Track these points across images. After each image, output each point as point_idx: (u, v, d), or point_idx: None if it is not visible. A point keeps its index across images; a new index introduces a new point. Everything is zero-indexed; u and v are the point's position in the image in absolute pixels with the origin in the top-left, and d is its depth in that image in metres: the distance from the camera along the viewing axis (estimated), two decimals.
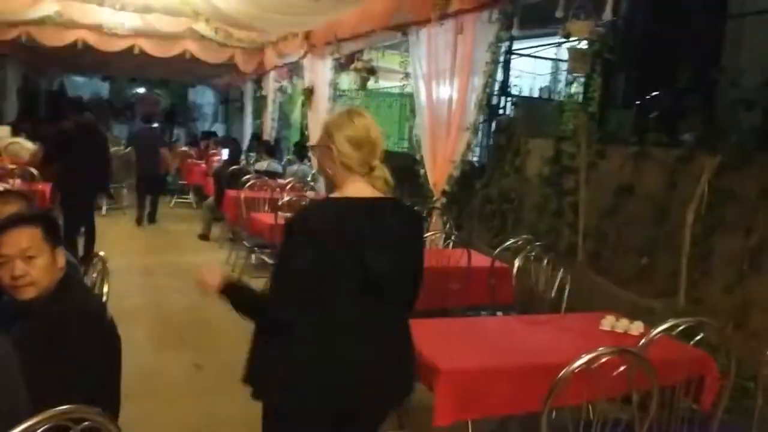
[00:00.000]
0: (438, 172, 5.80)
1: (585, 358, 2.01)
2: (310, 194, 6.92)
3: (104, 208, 9.95)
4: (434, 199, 5.82)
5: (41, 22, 10.01)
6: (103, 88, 21.45)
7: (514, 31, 5.10)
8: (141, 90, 21.86)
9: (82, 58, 13.96)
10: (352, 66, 7.08)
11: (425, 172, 6.02)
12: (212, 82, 18.26)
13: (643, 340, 2.33)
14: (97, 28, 10.14)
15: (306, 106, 8.98)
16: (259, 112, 13.94)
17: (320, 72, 8.50)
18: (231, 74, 15.15)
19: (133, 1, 7.51)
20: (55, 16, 9.39)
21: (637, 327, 2.96)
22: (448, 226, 5.65)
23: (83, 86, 20.90)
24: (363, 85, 7.14)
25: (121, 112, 20.89)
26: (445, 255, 4.10)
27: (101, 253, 2.82)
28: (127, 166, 10.78)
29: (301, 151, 9.84)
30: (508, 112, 7.98)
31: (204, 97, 22.26)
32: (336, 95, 8.36)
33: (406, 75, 6.45)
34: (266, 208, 6.51)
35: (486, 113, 6.32)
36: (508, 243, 4.07)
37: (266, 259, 5.69)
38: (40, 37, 10.59)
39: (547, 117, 7.75)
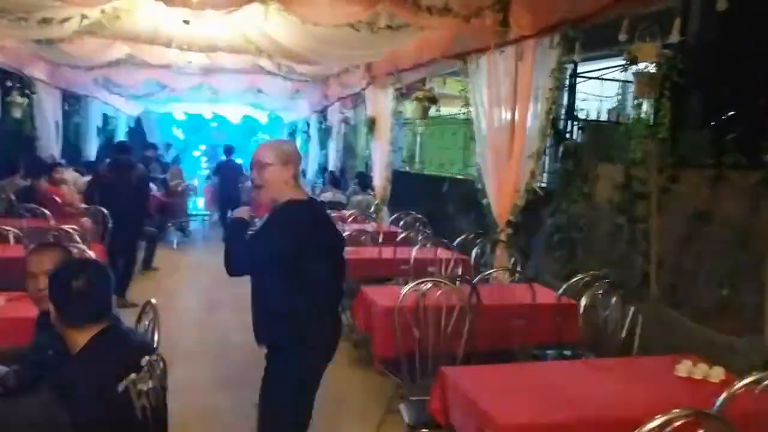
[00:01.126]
0: (502, 202, 5.62)
1: (657, 422, 1.81)
2: (371, 226, 6.84)
3: (175, 242, 10.25)
4: (498, 230, 5.64)
5: (115, 63, 10.47)
6: (180, 125, 22.18)
7: (577, 56, 4.90)
8: (215, 125, 22.50)
9: (156, 94, 14.57)
10: (414, 95, 7.02)
11: (488, 203, 5.85)
12: (280, 115, 18.62)
13: (723, 396, 2.09)
14: (167, 67, 10.51)
15: (369, 136, 8.97)
16: (324, 143, 14.10)
17: (382, 102, 8.48)
18: (299, 108, 15.46)
19: (199, 42, 7.69)
20: (126, 58, 9.80)
21: (717, 374, 2.71)
22: (513, 260, 5.44)
23: (159, 120, 21.67)
24: (424, 114, 7.06)
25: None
26: (509, 291, 3.91)
27: (153, 301, 2.80)
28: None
29: (364, 180, 9.82)
30: (575, 136, 7.74)
31: (273, 132, 22.70)
32: (400, 124, 8.31)
33: (466, 103, 6.33)
34: None
35: (551, 139, 6.11)
36: (575, 279, 3.85)
37: None
38: (116, 78, 11.07)
39: (616, 141, 7.47)
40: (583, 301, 3.53)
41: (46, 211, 6.01)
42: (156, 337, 2.65)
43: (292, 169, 2.88)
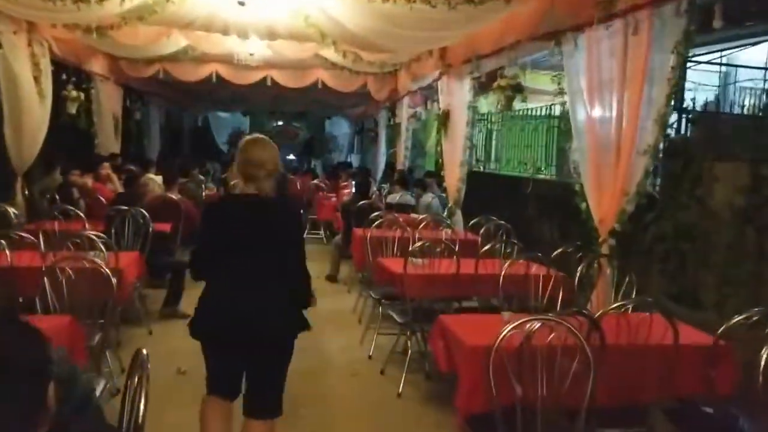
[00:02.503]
0: (605, 206, 4.68)
1: None
2: (445, 233, 5.99)
3: None
4: (600, 240, 4.69)
5: (175, 57, 10.00)
6: (245, 123, 21.94)
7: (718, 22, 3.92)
8: (280, 123, 22.18)
9: (219, 92, 14.16)
10: (495, 84, 6.14)
11: (587, 206, 4.91)
12: (347, 112, 18.00)
13: None
14: (229, 61, 9.99)
15: (441, 132, 8.12)
16: (392, 141, 13.35)
17: (457, 94, 7.62)
18: (366, 104, 14.77)
19: (257, 28, 7.04)
20: (187, 49, 9.30)
21: None
22: (618, 278, 4.46)
23: (225, 122, 21.51)
24: (508, 105, 6.16)
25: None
26: (636, 326, 2.95)
27: (144, 352, 2.05)
28: None
29: (436, 179, 8.99)
30: (682, 130, 6.71)
31: (340, 128, 22.20)
32: (475, 118, 7.44)
33: (560, 91, 5.41)
34: (395, 251, 5.67)
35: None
36: (738, 318, 2.87)
37: (395, 316, 4.74)
38: (177, 73, 10.61)
39: (737, 135, 6.39)
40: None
41: (80, 213, 5.44)
42: (141, 407, 1.87)
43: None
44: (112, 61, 10.19)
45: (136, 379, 1.90)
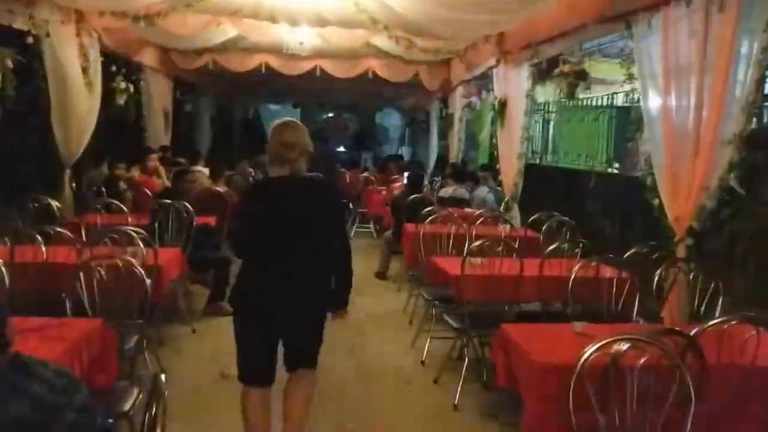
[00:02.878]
0: (681, 202, 4.25)
1: None
2: (503, 229, 5.63)
3: None
4: (675, 239, 4.27)
5: (225, 48, 9.87)
6: (295, 115, 21.85)
7: None
8: (330, 115, 22.01)
9: (269, 84, 14.03)
10: (557, 70, 5.73)
11: (660, 202, 4.48)
12: (398, 103, 17.67)
13: None
14: (278, 51, 9.81)
15: (497, 123, 7.73)
16: (444, 133, 12.97)
17: (515, 82, 7.22)
18: (417, 95, 14.43)
19: (307, 14, 6.79)
20: (237, 39, 9.15)
21: None
22: (699, 282, 4.02)
23: (276, 114, 21.45)
24: (571, 93, 5.75)
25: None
26: (731, 342, 2.48)
27: (162, 377, 1.79)
28: None
29: (491, 170, 8.60)
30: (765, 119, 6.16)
31: (390, 120, 21.89)
32: (533, 108, 7.04)
33: (629, 77, 5.00)
34: (450, 249, 5.31)
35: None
36: None
37: (450, 321, 4.31)
38: (226, 63, 10.48)
39: None
40: None
41: (123, 207, 5.28)
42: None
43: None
44: (163, 53, 10.12)
45: (153, 410, 1.63)
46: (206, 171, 8.01)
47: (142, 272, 3.32)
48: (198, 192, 6.31)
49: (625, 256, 4.11)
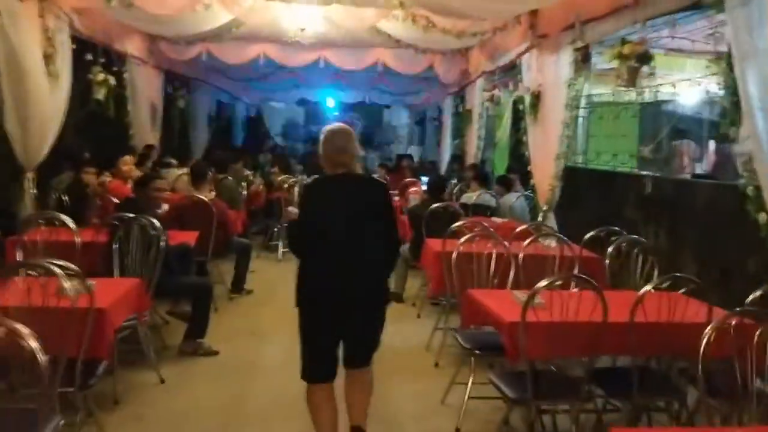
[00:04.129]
0: None
1: None
2: (550, 245, 4.55)
3: (281, 252, 8.26)
4: None
5: (219, 36, 8.84)
6: (300, 113, 20.88)
7: None
8: (336, 114, 21.00)
9: (271, 80, 13.02)
10: (615, 51, 4.65)
11: (765, 216, 3.42)
12: (407, 100, 16.60)
13: None
14: (278, 39, 8.81)
15: (528, 118, 6.66)
16: (460, 131, 11.92)
17: (552, 70, 6.17)
18: (433, 87, 13.39)
19: None
20: (231, 26, 8.14)
21: None
22: None
23: (279, 112, 20.46)
24: (632, 80, 4.68)
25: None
26: None
27: None
28: None
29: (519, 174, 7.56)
30: None
31: (399, 118, 20.83)
32: (575, 100, 5.99)
33: (717, 57, 3.94)
34: (491, 275, 4.07)
35: None
36: None
37: (501, 386, 3.14)
38: (221, 54, 9.46)
39: None
40: None
41: (69, 222, 4.18)
42: None
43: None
44: (150, 42, 9.11)
45: None
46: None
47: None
48: (177, 201, 5.29)
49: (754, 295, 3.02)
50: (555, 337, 3.00)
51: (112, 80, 7.71)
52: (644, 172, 6.67)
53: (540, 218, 6.20)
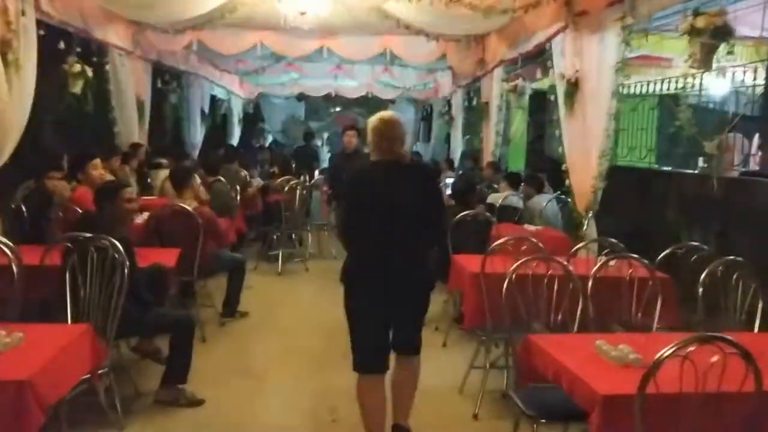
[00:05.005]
0: None
1: None
2: (618, 266, 3.66)
3: (280, 265, 7.33)
4: None
5: (211, 22, 7.99)
6: (300, 109, 20.03)
7: None
8: (338, 109, 20.17)
9: (270, 72, 12.19)
10: (687, 24, 3.79)
11: None
12: (414, 94, 15.74)
13: None
14: (276, 26, 7.98)
15: (563, 110, 5.80)
16: (473, 126, 11.08)
17: (593, 54, 5.31)
18: (440, 81, 12.57)
19: None
20: (224, 11, 7.30)
21: None
22: None
23: (279, 108, 19.61)
24: (707, 61, 3.83)
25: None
26: None
27: None
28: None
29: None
30: None
31: (404, 114, 19.95)
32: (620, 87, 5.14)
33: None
34: (552, 310, 3.14)
35: None
36: None
37: None
38: (214, 43, 8.61)
39: None
40: None
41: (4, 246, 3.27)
42: None
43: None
44: (137, 31, 8.24)
45: None
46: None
47: None
48: (157, 210, 4.46)
49: None
50: (665, 414, 2.12)
51: (89, 72, 6.88)
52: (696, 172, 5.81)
53: (585, 226, 5.32)
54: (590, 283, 3.17)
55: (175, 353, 3.65)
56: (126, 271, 3.10)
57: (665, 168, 7.42)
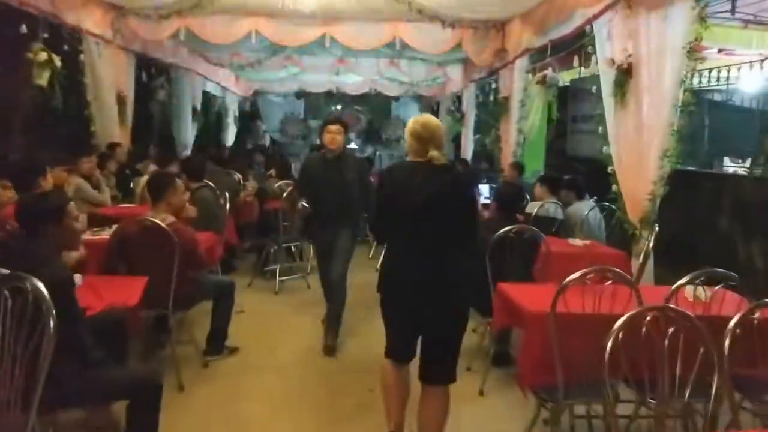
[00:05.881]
0: None
1: None
2: (700, 296, 2.79)
3: (277, 282, 6.43)
4: None
5: (200, 7, 7.12)
6: (299, 106, 19.14)
7: None
8: (339, 107, 19.27)
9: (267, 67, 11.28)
10: None
11: None
12: (421, 90, 14.84)
13: None
14: (272, 12, 7.13)
15: (612, 102, 4.90)
16: (486, 124, 10.22)
17: (653, 34, 4.42)
18: (451, 76, 11.69)
19: None
20: None
21: None
22: None
23: (277, 105, 18.71)
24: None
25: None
26: None
27: None
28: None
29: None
30: None
31: (408, 111, 19.07)
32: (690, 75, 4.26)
33: None
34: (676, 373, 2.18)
35: None
36: None
37: None
38: (202, 32, 7.69)
39: None
40: None
41: None
42: None
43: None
44: (115, 15, 7.36)
45: None
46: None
47: None
48: (124, 228, 3.56)
49: None
50: None
51: (57, 61, 6.01)
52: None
53: (649, 242, 4.42)
54: (726, 344, 2.23)
55: (137, 422, 2.74)
56: (53, 322, 2.19)
57: (714, 171, 6.55)
